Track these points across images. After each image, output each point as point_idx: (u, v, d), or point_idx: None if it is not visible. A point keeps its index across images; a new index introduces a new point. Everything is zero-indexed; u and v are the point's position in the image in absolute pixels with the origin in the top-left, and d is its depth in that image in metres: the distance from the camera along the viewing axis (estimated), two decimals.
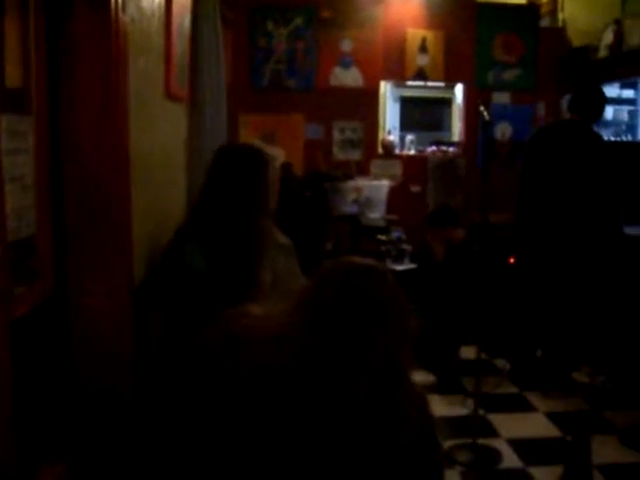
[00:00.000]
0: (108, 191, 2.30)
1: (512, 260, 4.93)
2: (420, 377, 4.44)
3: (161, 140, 3.06)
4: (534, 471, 3.44)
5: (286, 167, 3.59)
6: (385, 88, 6.55)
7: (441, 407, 4.16)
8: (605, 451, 3.58)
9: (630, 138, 6.43)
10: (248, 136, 5.76)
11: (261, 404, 1.43)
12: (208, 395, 1.51)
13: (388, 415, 1.43)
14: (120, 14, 2.31)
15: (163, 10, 3.03)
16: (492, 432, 3.87)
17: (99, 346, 2.34)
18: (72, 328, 2.31)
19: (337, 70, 6.03)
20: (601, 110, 4.51)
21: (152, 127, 2.89)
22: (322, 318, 1.48)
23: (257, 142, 2.77)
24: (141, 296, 2.53)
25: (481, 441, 3.64)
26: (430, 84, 6.58)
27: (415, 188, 6.19)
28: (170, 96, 3.19)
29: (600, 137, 4.46)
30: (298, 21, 5.93)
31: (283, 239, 2.95)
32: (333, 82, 6.05)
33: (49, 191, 2.17)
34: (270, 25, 5.92)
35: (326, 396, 1.42)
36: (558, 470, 3.24)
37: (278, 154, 2.70)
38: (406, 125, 7.18)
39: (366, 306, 1.49)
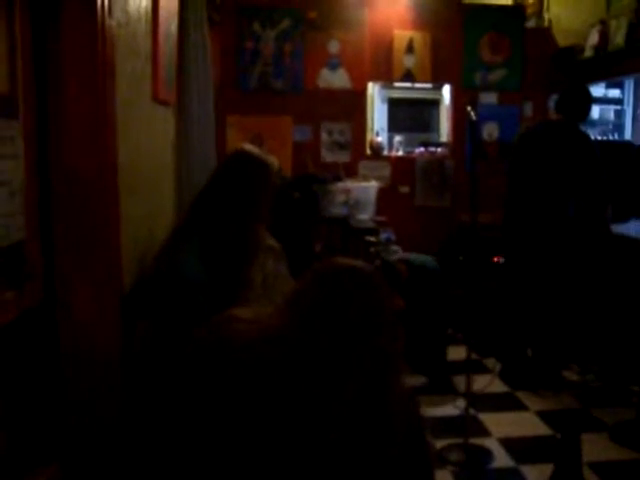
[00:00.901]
0: (96, 196, 2.30)
1: (496, 259, 4.97)
2: (410, 378, 4.45)
3: (149, 144, 3.06)
4: (526, 470, 3.46)
5: (278, 173, 3.61)
6: (373, 89, 6.55)
7: (432, 407, 4.17)
8: (596, 448, 3.61)
9: (617, 137, 6.47)
10: (236, 138, 5.76)
11: (252, 406, 1.43)
12: (201, 398, 1.51)
13: (377, 416, 1.44)
14: (107, 18, 2.30)
15: (150, 14, 3.02)
16: (483, 431, 3.89)
17: (88, 352, 2.33)
18: (61, 333, 2.30)
19: (325, 72, 6.04)
20: (587, 110, 4.55)
21: (140, 131, 2.88)
22: (310, 320, 1.48)
23: (257, 149, 2.76)
24: (131, 303, 2.52)
25: (472, 441, 3.66)
26: (417, 85, 6.59)
27: (404, 189, 6.20)
28: (158, 99, 3.18)
29: (587, 137, 4.49)
30: (285, 23, 5.94)
31: (272, 242, 2.95)
32: (321, 84, 6.06)
33: (37, 197, 2.16)
34: (257, 27, 5.92)
35: (315, 398, 1.42)
36: (549, 468, 3.25)
37: (273, 161, 2.73)
38: (394, 126, 7.18)
39: (354, 308, 1.49)
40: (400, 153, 6.41)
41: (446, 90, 6.52)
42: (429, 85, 6.62)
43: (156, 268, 2.53)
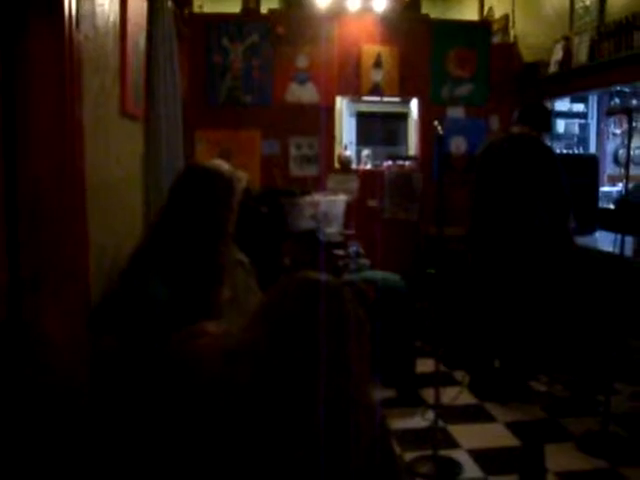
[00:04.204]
0: (63, 211, 2.28)
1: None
2: (379, 391, 4.46)
3: (118, 158, 3.04)
4: None
5: (245, 189, 3.62)
6: (341, 103, 6.59)
7: (401, 420, 4.18)
8: (563, 458, 3.64)
9: (581, 150, 6.57)
10: (205, 152, 5.75)
11: (220, 421, 1.43)
12: (168, 412, 1.50)
13: (343, 430, 1.44)
14: (74, 31, 2.29)
15: (118, 27, 3.02)
16: (452, 443, 3.90)
17: (54, 366, 2.31)
18: (27, 348, 2.28)
19: (293, 86, 6.05)
20: (549, 121, 4.66)
21: (108, 145, 2.87)
22: (277, 334, 1.49)
23: (223, 163, 2.71)
24: (98, 317, 2.49)
25: (442, 452, 3.67)
26: (386, 99, 6.63)
27: (372, 202, 6.22)
28: (126, 114, 3.18)
29: (550, 149, 4.57)
30: (254, 37, 5.95)
31: (241, 256, 2.94)
32: (289, 98, 6.07)
33: (3, 211, 2.15)
34: (226, 41, 5.92)
35: (284, 410, 1.42)
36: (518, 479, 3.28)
37: (242, 177, 2.67)
38: (362, 140, 7.23)
39: (320, 320, 1.50)
40: (368, 167, 6.44)
41: (414, 104, 6.57)
42: (397, 99, 6.67)
43: (121, 286, 2.49)
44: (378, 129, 7.46)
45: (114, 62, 2.98)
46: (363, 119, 7.42)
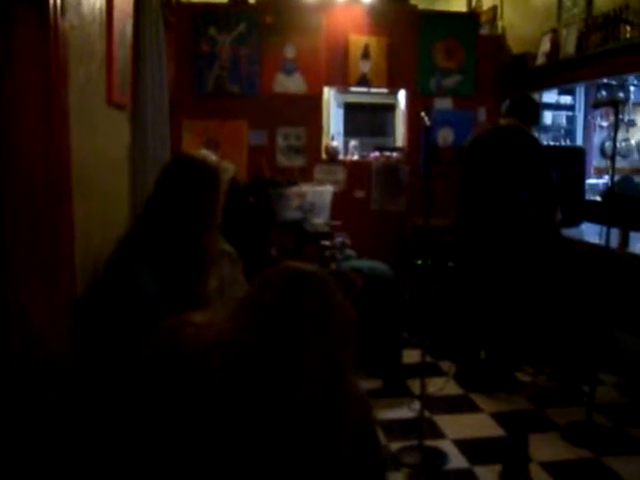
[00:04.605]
0: (49, 200, 2.27)
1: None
2: (366, 381, 4.47)
3: (104, 147, 3.03)
4: (480, 470, 3.50)
5: (232, 180, 3.60)
6: (329, 94, 6.57)
7: (387, 410, 4.20)
8: (548, 448, 3.68)
9: (568, 142, 6.60)
10: (191, 142, 5.73)
11: (205, 410, 1.43)
12: (153, 402, 1.50)
13: (328, 418, 1.45)
14: (59, 20, 2.28)
15: (104, 15, 3.00)
16: (438, 433, 3.92)
17: (41, 355, 2.30)
18: (14, 337, 2.27)
19: (280, 76, 6.04)
20: (538, 113, 4.66)
21: (94, 134, 2.85)
22: (262, 323, 1.49)
23: (210, 155, 2.71)
24: (84, 309, 2.49)
25: (427, 443, 3.68)
26: (373, 90, 6.61)
27: (359, 193, 6.22)
28: (112, 103, 3.16)
29: (536, 140, 4.58)
30: (241, 27, 5.92)
31: (227, 246, 2.93)
32: (277, 88, 6.05)
33: None
34: (213, 31, 5.89)
35: (268, 401, 1.42)
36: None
37: (228, 167, 2.66)
38: (350, 131, 7.21)
39: (305, 311, 1.50)
40: (356, 157, 6.43)
41: (401, 95, 6.56)
42: (385, 90, 6.64)
43: (107, 277, 2.49)
44: (365, 120, 7.44)
45: (100, 51, 2.96)
46: (351, 110, 7.40)
